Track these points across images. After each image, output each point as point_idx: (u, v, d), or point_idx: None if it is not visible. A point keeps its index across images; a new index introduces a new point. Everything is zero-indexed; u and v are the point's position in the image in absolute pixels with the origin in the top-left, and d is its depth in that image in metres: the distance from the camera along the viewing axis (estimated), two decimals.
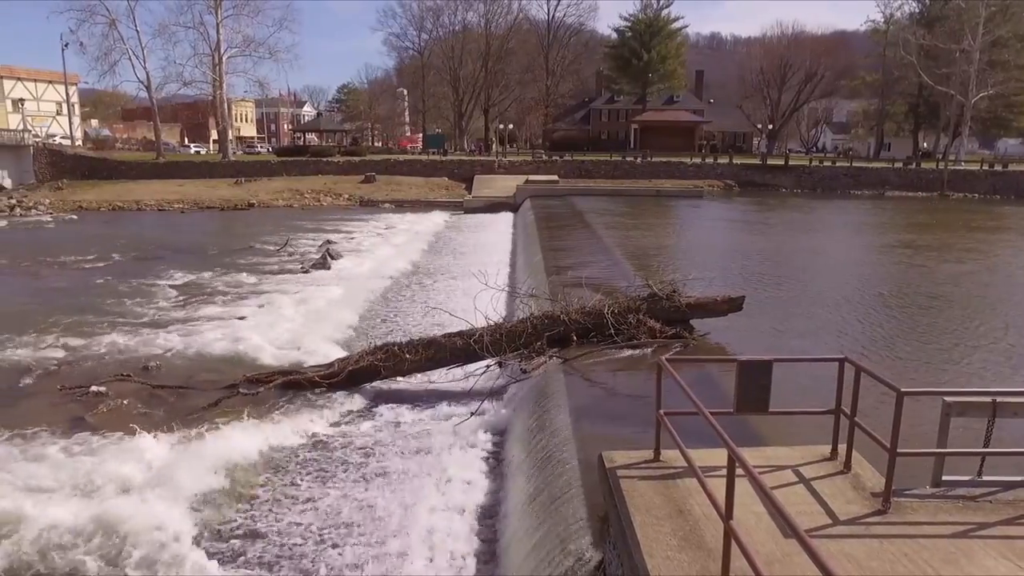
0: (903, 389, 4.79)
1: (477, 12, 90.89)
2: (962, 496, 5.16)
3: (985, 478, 5.28)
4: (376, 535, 7.93)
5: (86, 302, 19.67)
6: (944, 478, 5.26)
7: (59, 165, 56.85)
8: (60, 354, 14.65)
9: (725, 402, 5.96)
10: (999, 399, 5.08)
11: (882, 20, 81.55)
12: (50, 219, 44.15)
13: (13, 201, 48.93)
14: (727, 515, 3.90)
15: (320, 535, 8.01)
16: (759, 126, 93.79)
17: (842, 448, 5.75)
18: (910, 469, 5.50)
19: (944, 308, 15.83)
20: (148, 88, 63.98)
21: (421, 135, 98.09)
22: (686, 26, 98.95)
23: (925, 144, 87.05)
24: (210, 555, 7.63)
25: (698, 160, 66.42)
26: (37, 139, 59.42)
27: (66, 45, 63.82)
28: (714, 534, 4.54)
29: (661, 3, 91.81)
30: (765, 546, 4.45)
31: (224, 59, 62.62)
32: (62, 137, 70.25)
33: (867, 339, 12.71)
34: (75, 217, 45.44)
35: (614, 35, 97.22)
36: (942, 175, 59.50)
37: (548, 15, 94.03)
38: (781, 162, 66.01)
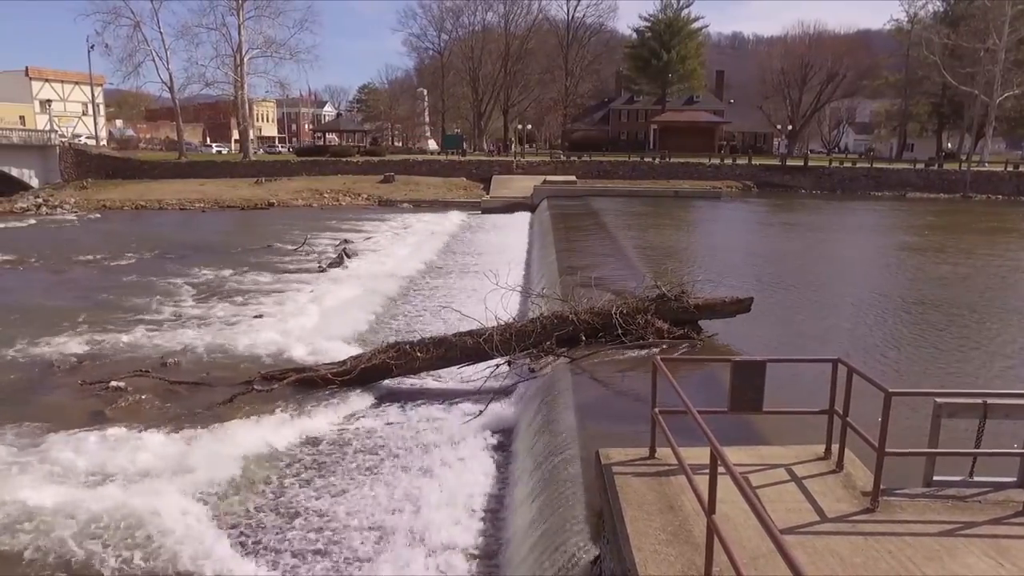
0: (891, 390, 4.86)
1: (497, 12, 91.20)
2: (952, 496, 5.22)
3: (976, 478, 5.33)
4: (383, 528, 8.10)
5: (107, 299, 20.12)
6: (935, 478, 5.31)
7: (84, 165, 57.91)
8: (82, 349, 15.03)
9: (725, 402, 6.02)
10: (990, 400, 5.12)
11: (906, 19, 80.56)
12: (75, 218, 44.98)
13: (40, 200, 49.98)
14: (710, 510, 4.01)
15: (326, 529, 8.20)
16: (779, 127, 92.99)
17: (835, 448, 5.82)
18: (907, 470, 5.57)
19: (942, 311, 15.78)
20: (171, 89, 65.02)
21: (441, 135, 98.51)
22: (706, 26, 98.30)
23: (949, 145, 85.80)
24: (220, 541, 7.85)
25: (716, 161, 66.01)
26: (63, 139, 60.49)
27: (92, 47, 65.11)
28: (702, 529, 4.61)
29: (681, 3, 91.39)
30: (752, 542, 4.54)
31: (245, 60, 63.40)
32: (87, 137, 71.52)
33: (868, 343, 12.69)
34: (99, 216, 46.24)
35: (634, 35, 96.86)
36: (965, 176, 58.71)
37: (568, 15, 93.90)
38: (800, 163, 65.50)
